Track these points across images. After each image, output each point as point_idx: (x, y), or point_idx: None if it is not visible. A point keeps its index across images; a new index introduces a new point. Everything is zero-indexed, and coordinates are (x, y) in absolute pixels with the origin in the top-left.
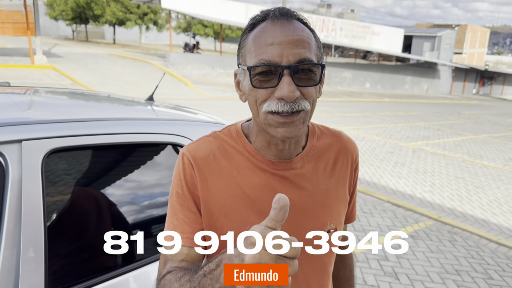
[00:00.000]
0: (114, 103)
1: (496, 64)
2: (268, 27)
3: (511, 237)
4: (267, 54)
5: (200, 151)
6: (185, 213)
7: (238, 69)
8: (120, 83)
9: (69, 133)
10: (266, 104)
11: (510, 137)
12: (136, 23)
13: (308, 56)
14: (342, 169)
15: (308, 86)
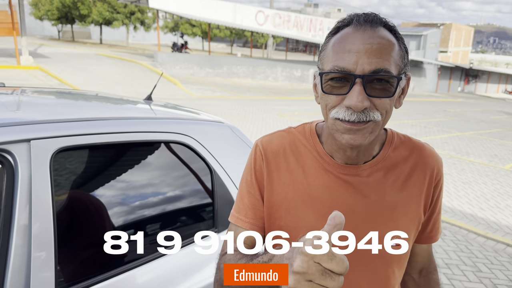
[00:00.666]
0: (116, 103)
1: (480, 62)
2: (350, 33)
3: (498, 231)
4: (343, 61)
5: (272, 145)
6: (250, 199)
7: (316, 71)
8: (108, 83)
9: (76, 132)
10: (335, 110)
11: (495, 134)
12: (123, 23)
13: (386, 66)
14: (416, 184)
15: (381, 97)
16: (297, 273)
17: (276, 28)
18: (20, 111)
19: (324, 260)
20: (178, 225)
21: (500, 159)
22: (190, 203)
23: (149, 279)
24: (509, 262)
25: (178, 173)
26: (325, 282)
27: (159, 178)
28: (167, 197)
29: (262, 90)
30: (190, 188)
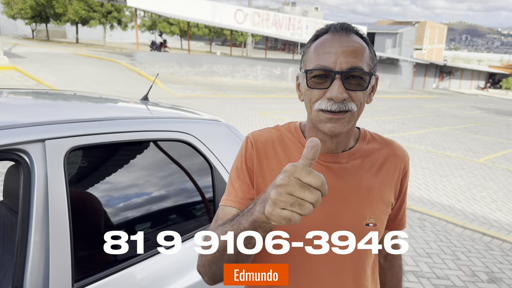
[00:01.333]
0: (119, 103)
1: (454, 59)
2: (329, 38)
3: (475, 221)
4: (324, 61)
5: (262, 137)
6: (240, 183)
7: (300, 72)
8: (87, 83)
9: (88, 131)
10: (318, 103)
11: (469, 129)
12: (100, 22)
13: (360, 65)
14: (389, 173)
15: (356, 90)
16: (279, 186)
17: (255, 27)
18: (34, 112)
19: (302, 175)
20: (182, 219)
21: (475, 153)
22: (193, 198)
23: (144, 277)
24: (486, 250)
25: (181, 169)
26: (304, 195)
27: (164, 175)
28: (171, 193)
29: (243, 89)
30: (192, 184)
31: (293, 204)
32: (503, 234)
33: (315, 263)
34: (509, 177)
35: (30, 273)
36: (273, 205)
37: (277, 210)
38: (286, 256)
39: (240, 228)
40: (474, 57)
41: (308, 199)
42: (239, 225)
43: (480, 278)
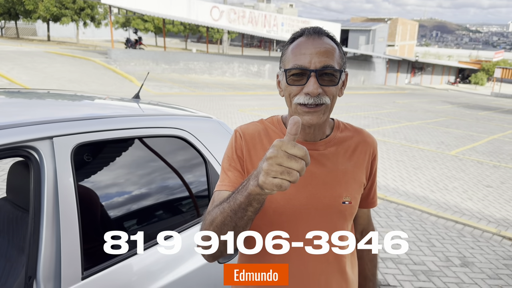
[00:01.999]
0: (115, 102)
1: (425, 55)
2: (303, 41)
3: (448, 210)
4: (300, 61)
5: (249, 130)
6: (232, 170)
7: (279, 71)
8: (62, 82)
9: (92, 129)
10: (296, 97)
11: (441, 122)
12: (73, 19)
13: (331, 63)
14: (360, 157)
15: (329, 86)
16: (270, 158)
17: (231, 24)
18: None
19: (289, 147)
20: (179, 210)
21: (447, 145)
22: (188, 191)
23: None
24: (458, 236)
25: (177, 164)
26: (291, 164)
27: (160, 169)
28: (168, 186)
29: (220, 86)
30: (188, 178)
31: (282, 172)
32: (474, 221)
33: (303, 231)
34: (479, 168)
35: (43, 263)
36: (265, 175)
37: (269, 179)
38: (282, 224)
39: (237, 202)
40: (444, 53)
41: (294, 167)
42: (235, 200)
43: (454, 263)
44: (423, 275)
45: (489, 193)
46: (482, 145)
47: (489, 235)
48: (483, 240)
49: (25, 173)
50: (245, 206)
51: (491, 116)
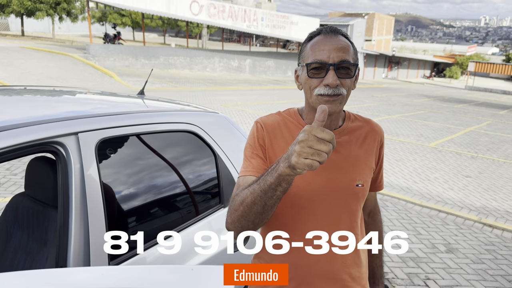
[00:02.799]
0: (128, 98)
1: (401, 49)
2: (321, 38)
3: (431, 199)
4: (320, 56)
5: (269, 121)
6: (255, 158)
7: (298, 67)
8: (41, 78)
9: (114, 124)
10: (317, 89)
11: (419, 116)
12: (48, 14)
13: (347, 58)
14: (370, 144)
15: (346, 78)
16: (302, 141)
17: (211, 18)
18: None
19: (318, 132)
20: (193, 201)
21: (426, 138)
22: (200, 183)
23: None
24: (442, 224)
25: (188, 157)
26: (320, 147)
27: (173, 162)
28: (181, 179)
29: (202, 81)
30: (199, 170)
31: (313, 154)
32: (456, 210)
33: (321, 211)
34: (458, 159)
35: (73, 253)
36: (298, 156)
37: (301, 159)
38: (302, 205)
39: (267, 183)
40: (420, 47)
41: (323, 149)
42: (265, 181)
43: (440, 249)
44: (412, 262)
45: (469, 182)
46: (460, 137)
47: (471, 222)
48: (465, 227)
49: (45, 169)
50: (275, 186)
51: (466, 109)
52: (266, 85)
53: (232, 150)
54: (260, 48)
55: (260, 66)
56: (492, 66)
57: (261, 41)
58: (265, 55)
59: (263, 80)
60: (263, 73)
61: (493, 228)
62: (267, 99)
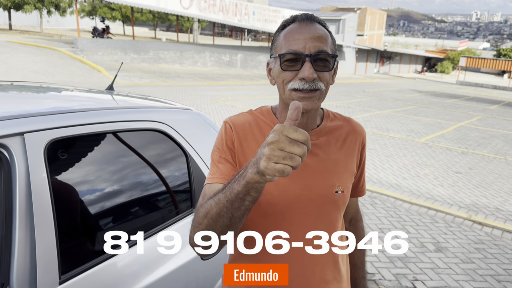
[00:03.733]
0: (87, 94)
1: (393, 44)
2: (296, 27)
3: (420, 196)
4: (294, 46)
5: (239, 121)
6: (223, 162)
7: (270, 59)
8: (26, 73)
9: (66, 123)
10: (291, 83)
11: (410, 111)
12: (36, 7)
13: (325, 48)
14: (350, 145)
15: (324, 71)
16: (272, 143)
17: (201, 12)
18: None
19: (290, 132)
20: (161, 206)
21: (416, 133)
22: (169, 186)
23: (125, 265)
24: (431, 222)
25: (156, 158)
26: (293, 149)
27: (139, 164)
28: (148, 181)
29: (192, 76)
30: (169, 172)
31: (284, 157)
32: (446, 207)
33: (297, 221)
34: (448, 155)
35: (17, 268)
36: (267, 160)
37: (271, 164)
38: (276, 215)
39: (234, 192)
40: (412, 42)
41: (296, 152)
42: (231, 190)
43: (428, 248)
44: (399, 262)
45: (459, 179)
46: (450, 132)
47: (461, 220)
48: (455, 225)
49: None
50: (242, 195)
51: (457, 104)
52: (258, 80)
53: (206, 150)
54: (252, 42)
55: (252, 61)
56: (483, 61)
57: (253, 36)
58: (256, 50)
59: (254, 75)
60: (254, 68)
61: (483, 226)
62: (258, 94)
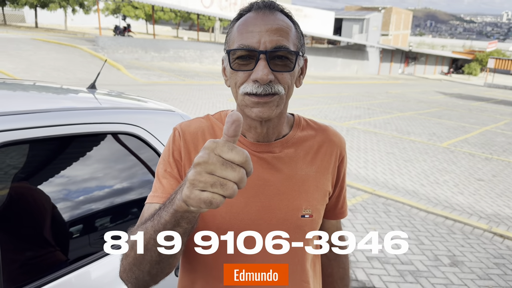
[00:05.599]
0: (57, 93)
1: (419, 45)
2: (252, 16)
3: (438, 205)
4: (247, 40)
5: (191, 128)
6: (167, 177)
7: (224, 55)
8: (47, 70)
9: (17, 126)
10: (243, 86)
11: (433, 113)
12: (61, 6)
13: (285, 44)
14: (324, 159)
15: (282, 72)
16: (198, 165)
17: (222, 11)
18: None
19: (224, 151)
20: (129, 217)
21: (438, 137)
22: (140, 194)
23: (100, 276)
24: (448, 233)
25: (127, 164)
26: (226, 173)
27: (106, 170)
28: (116, 190)
29: (211, 75)
30: (140, 179)
31: (213, 184)
32: (465, 217)
33: (248, 261)
34: (471, 161)
35: None
36: (191, 187)
37: (195, 192)
38: (217, 255)
39: (161, 222)
40: (439, 42)
41: (230, 177)
42: (160, 219)
43: (443, 262)
44: (410, 276)
45: (481, 186)
46: (474, 136)
47: (480, 231)
48: (473, 237)
49: None
50: (171, 226)
51: (483, 107)
52: None
53: None
54: None
55: None
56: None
57: None
58: None
59: None
60: None
61: (504, 239)
62: None
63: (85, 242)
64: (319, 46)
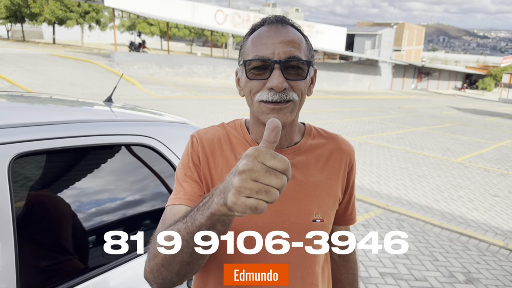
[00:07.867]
0: (74, 105)
1: (432, 60)
2: (265, 30)
3: (452, 221)
4: (262, 51)
5: (207, 135)
6: (188, 181)
7: (239, 67)
8: (64, 85)
9: (36, 137)
10: (259, 94)
11: (447, 129)
12: (78, 22)
13: (297, 54)
14: (334, 167)
15: (296, 80)
16: (243, 172)
17: (235, 28)
18: None
19: (267, 158)
20: (143, 228)
21: (452, 152)
22: (153, 206)
23: (117, 284)
24: (463, 250)
25: (142, 175)
26: (270, 180)
27: (122, 181)
28: (131, 201)
29: (224, 90)
30: (155, 190)
31: (259, 191)
32: (480, 233)
33: (262, 262)
34: (485, 176)
35: None
36: (237, 194)
37: (241, 199)
38: (230, 255)
39: (196, 224)
40: (452, 58)
41: (274, 184)
42: (194, 221)
43: (458, 279)
44: None
45: (496, 203)
46: (489, 152)
47: (496, 248)
48: (489, 254)
49: None
50: (206, 229)
51: (499, 122)
52: None
53: None
54: None
55: None
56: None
57: None
58: None
59: None
60: None
61: None
62: None
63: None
64: (331, 61)
